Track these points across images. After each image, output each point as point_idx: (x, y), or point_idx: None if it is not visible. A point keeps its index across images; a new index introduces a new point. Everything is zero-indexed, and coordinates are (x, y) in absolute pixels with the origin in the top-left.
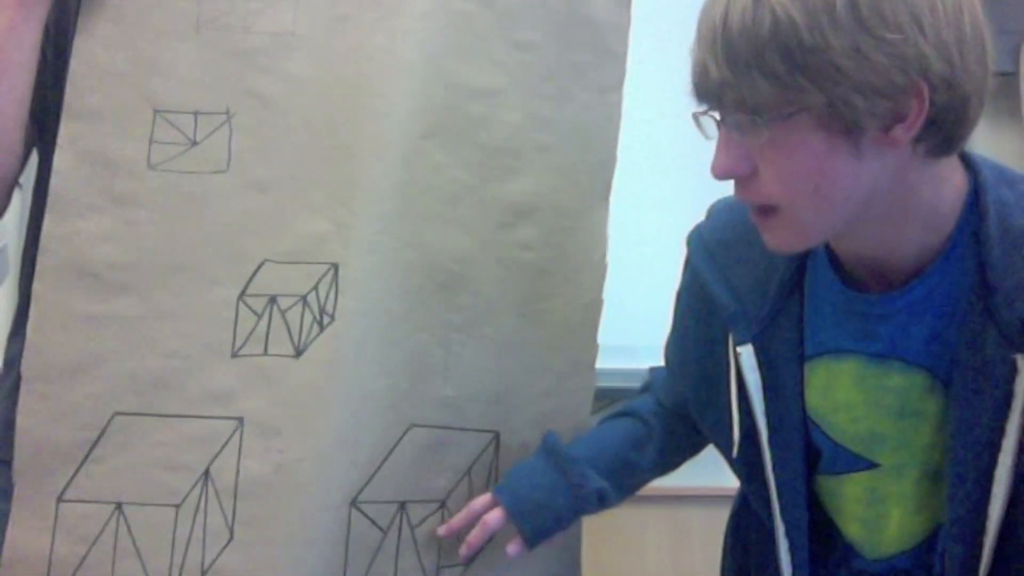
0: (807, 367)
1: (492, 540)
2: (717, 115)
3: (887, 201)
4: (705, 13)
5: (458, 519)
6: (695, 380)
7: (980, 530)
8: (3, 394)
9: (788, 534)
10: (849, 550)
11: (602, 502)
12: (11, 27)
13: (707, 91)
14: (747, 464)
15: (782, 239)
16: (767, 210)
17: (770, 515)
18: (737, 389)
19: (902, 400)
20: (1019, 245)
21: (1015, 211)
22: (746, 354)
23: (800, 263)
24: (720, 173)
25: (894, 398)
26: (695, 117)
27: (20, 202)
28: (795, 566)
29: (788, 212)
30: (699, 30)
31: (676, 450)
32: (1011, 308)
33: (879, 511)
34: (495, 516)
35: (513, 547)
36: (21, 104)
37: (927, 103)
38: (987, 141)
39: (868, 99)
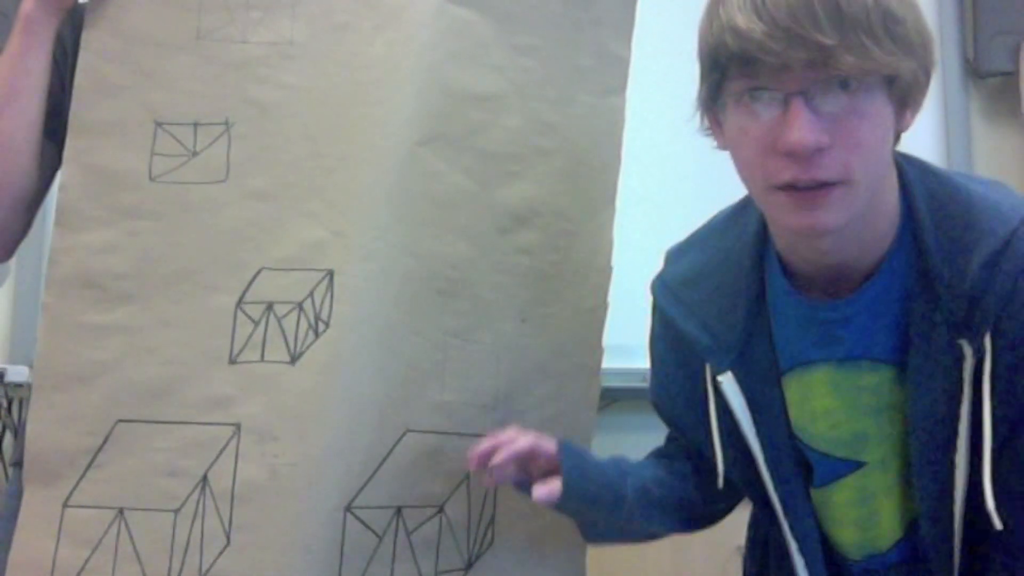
0: (783, 383)
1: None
2: (787, 90)
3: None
4: None
5: (489, 443)
6: (688, 422)
7: (950, 516)
8: None
9: (801, 550)
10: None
11: (638, 498)
12: (19, 54)
13: (795, 59)
14: (751, 488)
15: (836, 216)
16: (827, 186)
17: (781, 534)
18: (724, 418)
19: (877, 396)
20: (951, 235)
21: (944, 200)
22: (727, 381)
23: (760, 284)
24: (809, 142)
25: (869, 396)
26: (748, 93)
27: None
28: None
29: (852, 185)
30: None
31: (697, 494)
32: (953, 294)
33: (871, 508)
34: (525, 440)
35: (541, 489)
36: (33, 127)
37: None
38: (987, 141)
39: (924, 77)
